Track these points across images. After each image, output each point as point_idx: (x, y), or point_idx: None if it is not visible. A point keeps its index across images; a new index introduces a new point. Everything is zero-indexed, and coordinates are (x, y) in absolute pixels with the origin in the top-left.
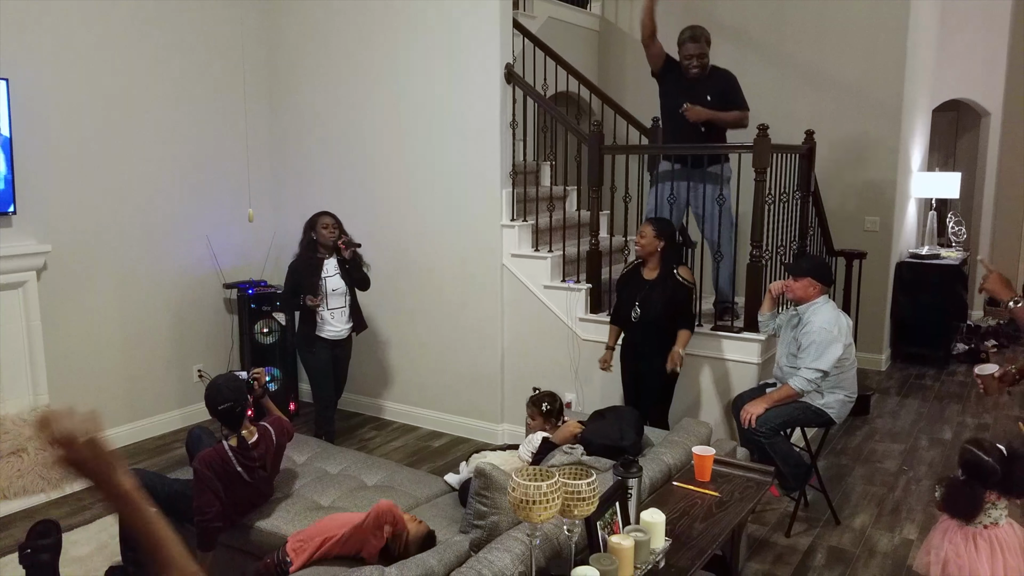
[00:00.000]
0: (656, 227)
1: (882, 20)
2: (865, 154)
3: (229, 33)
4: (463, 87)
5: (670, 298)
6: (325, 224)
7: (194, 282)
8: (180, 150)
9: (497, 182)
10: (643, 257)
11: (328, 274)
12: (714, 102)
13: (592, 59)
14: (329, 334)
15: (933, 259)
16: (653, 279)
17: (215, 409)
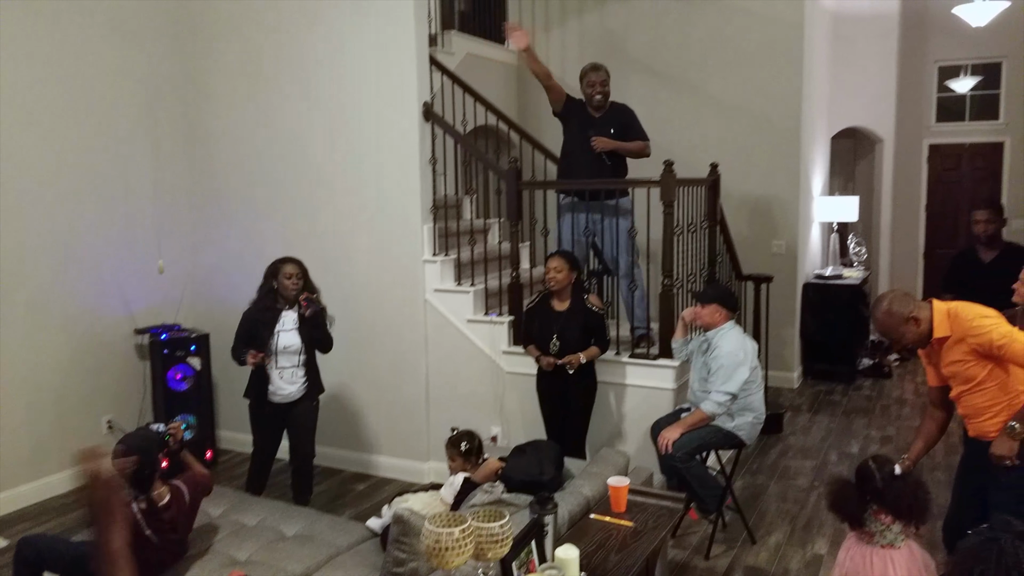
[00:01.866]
0: (568, 260)
1: (780, 51)
2: (770, 180)
3: (142, 74)
4: (382, 125)
5: (585, 326)
6: (288, 274)
7: (103, 327)
8: (91, 191)
9: (418, 218)
10: (557, 290)
11: (283, 328)
12: (617, 134)
13: (511, 93)
14: (277, 396)
15: (836, 280)
16: (565, 310)
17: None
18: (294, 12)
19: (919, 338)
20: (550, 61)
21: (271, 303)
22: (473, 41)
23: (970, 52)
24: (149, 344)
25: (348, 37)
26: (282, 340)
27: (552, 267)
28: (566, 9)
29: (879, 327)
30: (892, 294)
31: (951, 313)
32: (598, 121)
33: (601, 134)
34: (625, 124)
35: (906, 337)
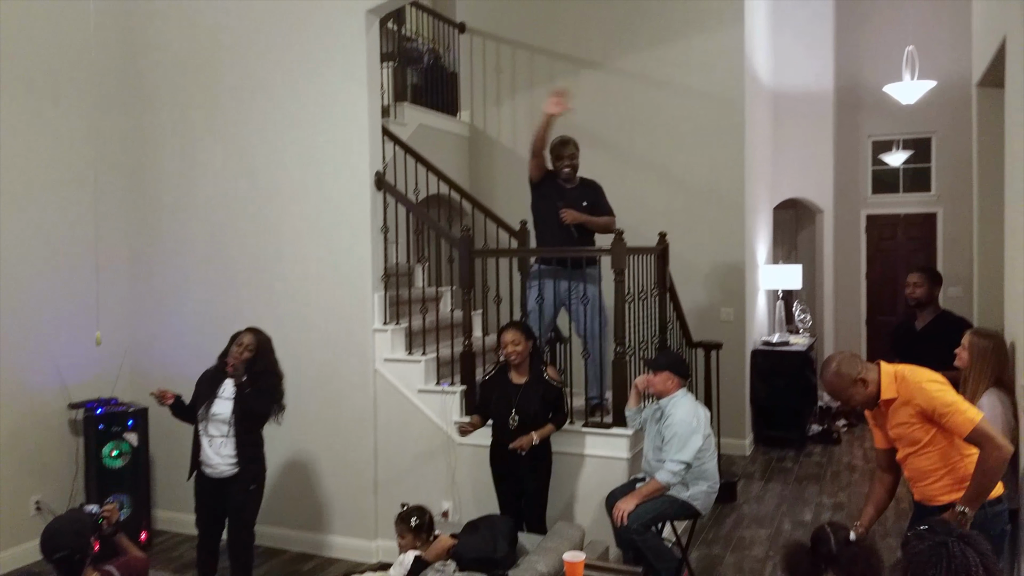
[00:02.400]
0: (523, 331)
1: (723, 126)
2: (716, 249)
3: (85, 138)
4: (334, 193)
5: (544, 400)
6: (239, 341)
7: (34, 402)
8: (24, 258)
9: (369, 286)
10: (517, 363)
11: (222, 394)
12: (588, 208)
13: (463, 163)
14: (208, 468)
15: (784, 346)
16: (524, 383)
17: (50, 557)
18: (246, 81)
19: (867, 399)
20: (501, 130)
21: (220, 369)
22: (425, 113)
23: (901, 128)
24: (83, 419)
25: (301, 107)
26: (215, 406)
27: (509, 340)
28: (516, 85)
29: (828, 388)
30: (840, 355)
31: (898, 375)
32: (570, 193)
33: (574, 207)
34: (595, 199)
35: (854, 398)
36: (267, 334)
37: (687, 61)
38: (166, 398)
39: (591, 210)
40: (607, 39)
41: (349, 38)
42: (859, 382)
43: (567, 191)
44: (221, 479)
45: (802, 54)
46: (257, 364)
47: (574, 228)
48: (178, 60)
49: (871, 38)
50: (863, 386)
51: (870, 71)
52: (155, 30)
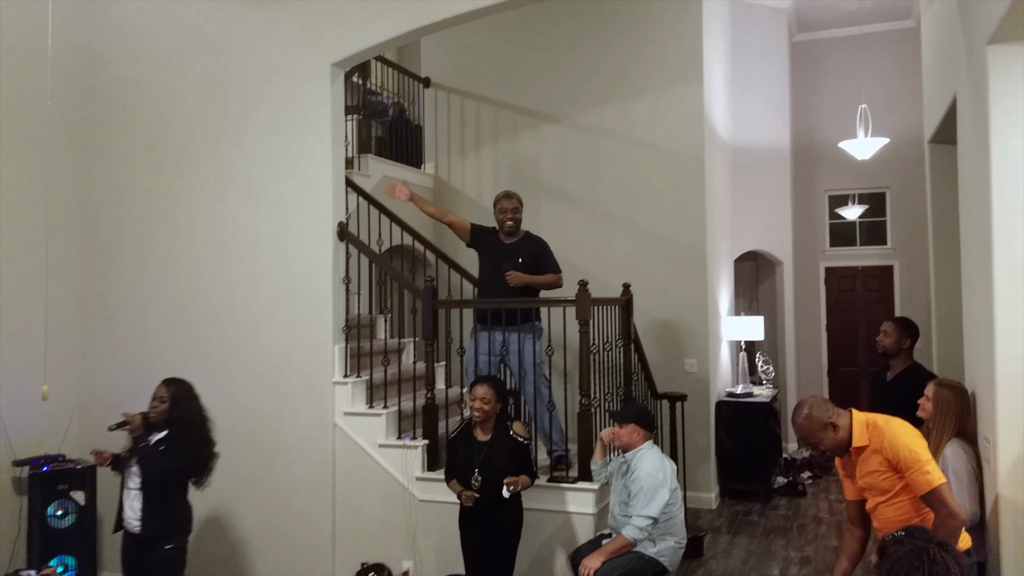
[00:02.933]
0: (494, 388)
1: (683, 180)
2: (679, 300)
3: (40, 190)
4: (296, 244)
5: (510, 458)
6: (154, 395)
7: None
8: None
9: (329, 338)
10: (482, 420)
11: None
12: (526, 263)
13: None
14: (126, 521)
15: (748, 397)
16: (489, 440)
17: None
18: (209, 129)
19: (837, 445)
20: (465, 182)
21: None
22: (389, 164)
23: (857, 182)
24: (28, 477)
25: (264, 157)
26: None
27: (480, 396)
28: (480, 138)
29: (799, 431)
30: (812, 399)
31: (870, 423)
32: (508, 249)
33: (510, 262)
34: (536, 254)
35: (824, 442)
36: (188, 382)
37: (649, 117)
38: (103, 459)
39: (531, 264)
40: (569, 95)
41: (314, 90)
42: (830, 426)
43: (505, 246)
44: (136, 535)
45: (760, 111)
46: (174, 413)
47: (520, 291)
48: (139, 109)
49: (826, 96)
50: (833, 431)
51: (826, 128)
52: (115, 79)
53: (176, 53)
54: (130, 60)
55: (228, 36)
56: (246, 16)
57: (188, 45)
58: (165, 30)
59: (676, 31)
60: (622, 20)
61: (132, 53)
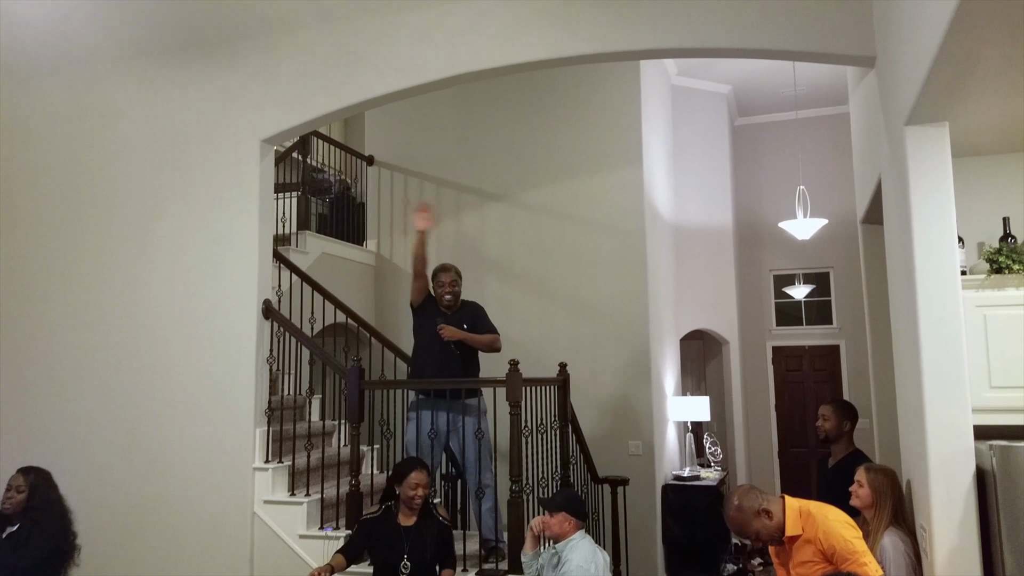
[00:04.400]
0: (428, 471)
1: (625, 257)
2: (622, 379)
3: None
4: (219, 320)
5: (437, 542)
6: (9, 485)
7: None
8: None
9: (250, 421)
10: (418, 503)
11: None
12: (468, 330)
13: (369, 292)
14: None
15: (694, 480)
16: (414, 524)
17: None
18: (134, 201)
19: (772, 533)
20: (407, 259)
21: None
22: (329, 241)
23: (800, 262)
24: None
25: (189, 231)
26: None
27: (418, 482)
28: None
29: (731, 524)
30: (740, 490)
31: (803, 511)
32: (449, 317)
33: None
34: (475, 319)
35: (760, 533)
36: (46, 471)
37: (591, 196)
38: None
39: (471, 331)
40: (512, 174)
41: (243, 166)
42: (763, 513)
43: (446, 316)
44: None
45: (703, 192)
46: (31, 503)
47: (454, 346)
48: (56, 181)
49: (767, 178)
50: (767, 518)
51: (768, 208)
52: (33, 152)
53: (98, 126)
54: (53, 129)
55: (156, 109)
56: (176, 90)
57: (113, 117)
58: (88, 102)
59: (616, 113)
60: (563, 102)
61: (54, 123)
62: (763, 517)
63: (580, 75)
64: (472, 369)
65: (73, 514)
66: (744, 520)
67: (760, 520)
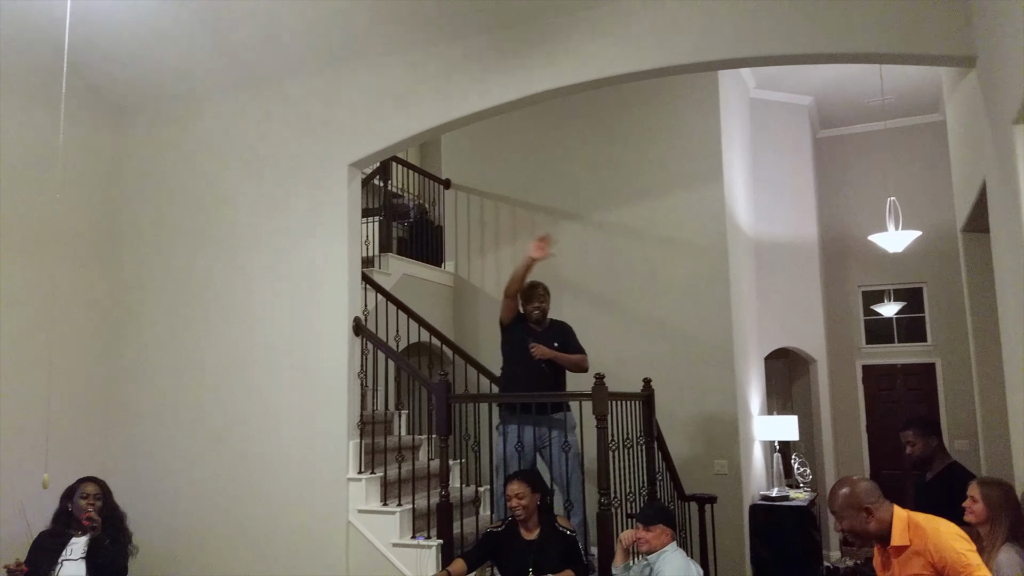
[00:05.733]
0: (530, 483)
1: (706, 276)
2: (706, 398)
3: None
4: (312, 339)
5: (563, 555)
6: (84, 493)
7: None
8: None
9: (344, 433)
10: (523, 518)
11: (69, 556)
12: (559, 348)
13: (447, 311)
14: None
15: (783, 500)
16: (536, 538)
17: None
18: (229, 228)
19: (864, 533)
20: (484, 280)
21: (61, 528)
22: (410, 263)
23: (891, 278)
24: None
25: (282, 254)
26: (66, 569)
27: (513, 493)
28: (499, 236)
29: (832, 504)
30: (861, 479)
31: (912, 523)
32: (539, 335)
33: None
34: (565, 336)
35: (854, 526)
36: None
37: (669, 214)
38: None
39: (561, 350)
40: (588, 193)
41: (332, 190)
42: (866, 511)
43: (537, 334)
44: None
45: (785, 207)
46: (106, 511)
47: (544, 364)
48: (157, 207)
49: (854, 191)
50: (868, 518)
51: (855, 222)
52: (134, 182)
53: (193, 158)
54: (150, 164)
55: (247, 139)
56: (270, 118)
57: (211, 146)
58: (182, 135)
59: (695, 128)
60: (639, 119)
61: (156, 154)
62: (864, 515)
63: (656, 91)
64: (559, 387)
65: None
66: (846, 506)
67: (859, 516)
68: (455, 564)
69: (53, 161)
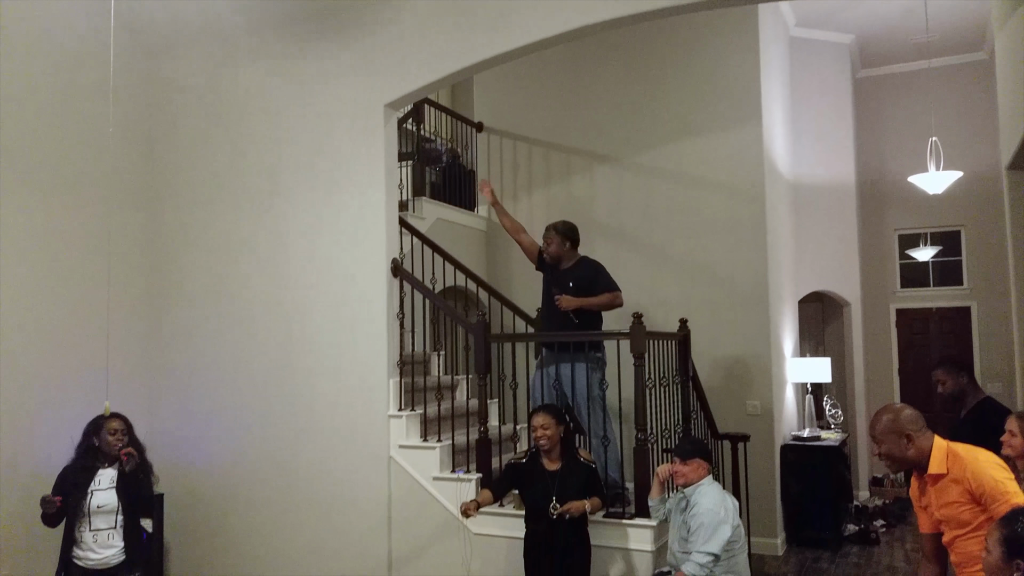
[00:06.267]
0: (551, 414)
1: (742, 217)
2: (739, 340)
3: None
4: (351, 280)
5: (584, 485)
6: (112, 429)
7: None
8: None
9: (384, 372)
10: (549, 448)
11: (98, 486)
12: (576, 287)
13: (481, 256)
14: (90, 562)
15: (815, 441)
16: (558, 469)
17: None
18: (266, 171)
19: (902, 459)
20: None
21: (89, 461)
22: (443, 207)
23: (928, 221)
24: None
25: (320, 196)
26: (96, 499)
27: (539, 424)
28: (532, 180)
29: (874, 426)
30: (908, 407)
31: (951, 451)
32: (560, 275)
33: (562, 287)
34: (588, 278)
35: (892, 451)
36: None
37: (706, 155)
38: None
39: (584, 287)
40: (623, 134)
41: (369, 131)
42: (907, 438)
43: (559, 273)
44: (101, 569)
45: (823, 148)
46: (132, 446)
47: (572, 314)
48: (197, 153)
49: (893, 133)
50: (908, 444)
51: (893, 164)
52: (175, 127)
53: (237, 99)
54: (189, 106)
55: (287, 81)
56: (305, 61)
57: (249, 92)
58: (225, 77)
59: (733, 68)
60: (677, 58)
61: (193, 102)
62: (903, 441)
63: (694, 29)
64: (591, 328)
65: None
66: (888, 430)
67: (899, 442)
68: (483, 494)
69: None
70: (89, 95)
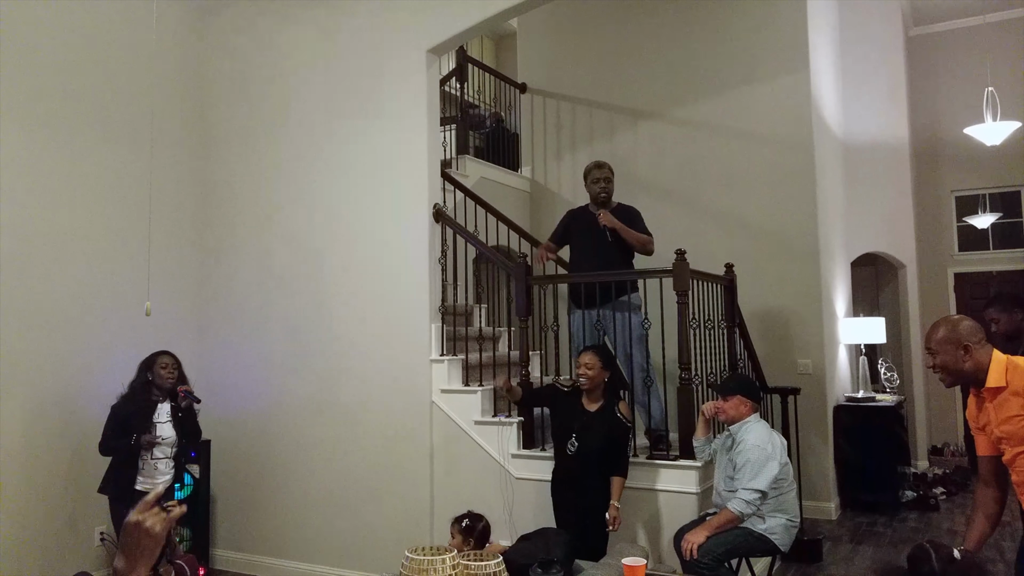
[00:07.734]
0: (601, 357)
1: (790, 173)
2: (788, 298)
3: (155, 179)
4: (393, 225)
5: (609, 435)
6: (164, 364)
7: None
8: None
9: (426, 316)
10: (589, 388)
11: (160, 419)
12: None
13: (524, 216)
14: (145, 486)
15: (870, 402)
16: (594, 411)
17: None
18: (309, 116)
19: (958, 371)
20: (561, 184)
21: (146, 396)
22: (487, 167)
23: (987, 181)
24: None
25: (362, 141)
26: (159, 431)
27: (584, 362)
28: (576, 139)
29: (931, 338)
30: (965, 317)
31: (1010, 364)
32: (595, 219)
33: (597, 232)
34: (628, 218)
35: (948, 363)
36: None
37: (751, 108)
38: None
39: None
40: (666, 89)
41: (410, 76)
42: (964, 350)
43: (593, 217)
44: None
45: (875, 107)
46: (181, 381)
47: (611, 237)
48: (241, 99)
49: (948, 91)
50: (965, 356)
51: (948, 124)
52: (219, 71)
53: (283, 47)
54: (232, 51)
55: (332, 29)
56: (348, 8)
57: (294, 40)
58: (271, 26)
59: (779, 18)
60: (721, 8)
61: (234, 44)
62: (960, 352)
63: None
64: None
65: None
66: (944, 342)
67: (956, 352)
68: (514, 391)
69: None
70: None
